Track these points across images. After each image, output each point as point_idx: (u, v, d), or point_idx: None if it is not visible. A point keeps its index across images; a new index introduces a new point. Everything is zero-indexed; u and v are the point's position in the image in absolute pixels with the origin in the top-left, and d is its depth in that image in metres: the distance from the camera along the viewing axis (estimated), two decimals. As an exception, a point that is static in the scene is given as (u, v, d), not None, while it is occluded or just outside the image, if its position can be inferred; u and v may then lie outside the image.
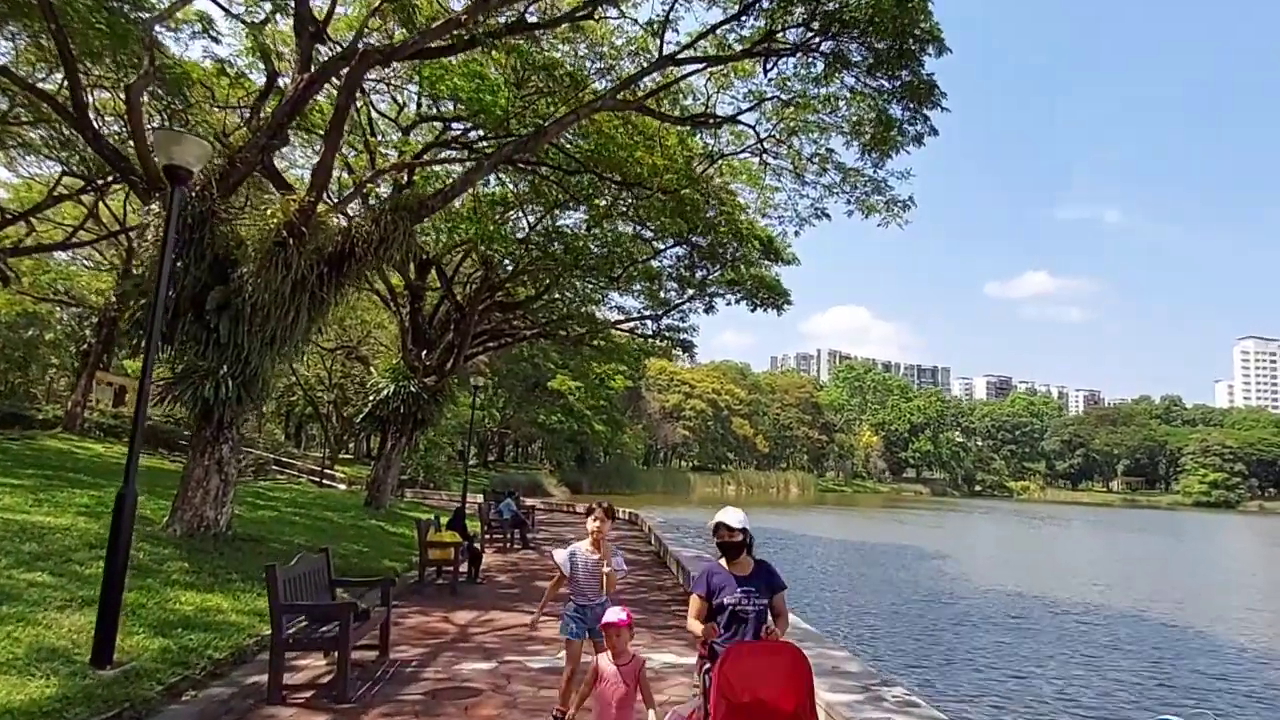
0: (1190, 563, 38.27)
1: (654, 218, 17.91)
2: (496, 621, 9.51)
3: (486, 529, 17.92)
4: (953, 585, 23.56)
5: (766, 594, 4.15)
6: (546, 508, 34.62)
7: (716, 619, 4.09)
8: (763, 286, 25.69)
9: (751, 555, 4.27)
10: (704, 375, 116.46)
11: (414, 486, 38.86)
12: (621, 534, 23.60)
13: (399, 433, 20.59)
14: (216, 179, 11.05)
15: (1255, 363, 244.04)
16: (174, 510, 11.31)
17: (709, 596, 4.13)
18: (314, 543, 13.72)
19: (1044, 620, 18.01)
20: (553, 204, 18.11)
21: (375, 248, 11.29)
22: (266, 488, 23.58)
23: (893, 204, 14.76)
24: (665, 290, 28.02)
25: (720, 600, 4.09)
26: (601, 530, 5.53)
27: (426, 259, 21.02)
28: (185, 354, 11.37)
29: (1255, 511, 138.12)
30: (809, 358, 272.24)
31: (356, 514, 19.32)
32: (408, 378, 20.38)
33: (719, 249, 23.39)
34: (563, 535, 22.43)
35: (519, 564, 15.56)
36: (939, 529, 51.64)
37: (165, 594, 8.44)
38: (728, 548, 4.22)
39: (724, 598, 4.08)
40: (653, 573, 14.83)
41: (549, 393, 63.62)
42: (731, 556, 4.23)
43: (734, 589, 4.09)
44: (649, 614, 10.37)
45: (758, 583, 4.16)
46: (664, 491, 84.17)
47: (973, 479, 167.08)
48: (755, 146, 15.81)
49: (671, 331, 29.49)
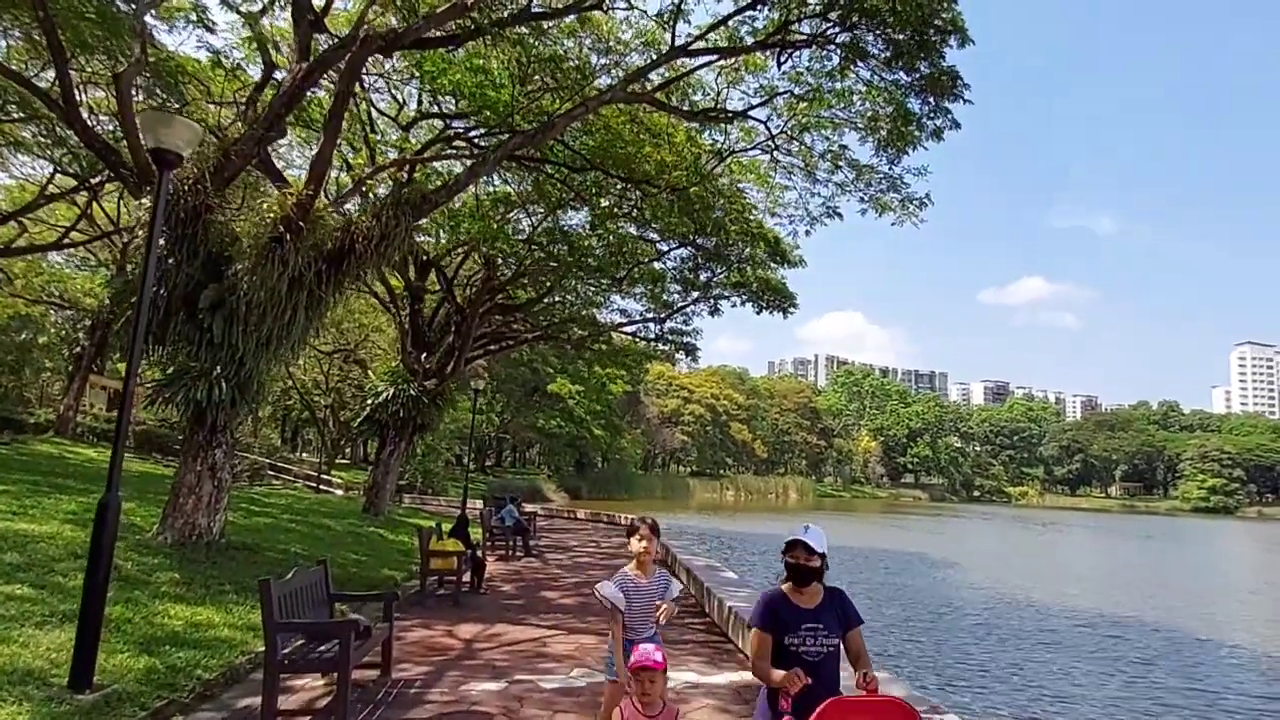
0: (1204, 569, 37.85)
1: (660, 218, 17.48)
2: (503, 636, 9.03)
3: (488, 536, 17.44)
4: (970, 595, 23.10)
5: (839, 630, 3.36)
6: (546, 514, 34.14)
7: (778, 661, 3.31)
8: (768, 289, 25.29)
9: (823, 583, 3.46)
10: (702, 380, 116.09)
11: (412, 492, 38.36)
12: (624, 541, 23.13)
13: (398, 437, 20.10)
14: (210, 172, 10.60)
15: (1252, 368, 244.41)
16: (164, 518, 10.83)
17: (774, 632, 3.35)
18: (311, 551, 13.24)
19: (1070, 633, 17.51)
20: (556, 203, 17.67)
21: (376, 244, 10.84)
22: (262, 493, 23.07)
23: (908, 202, 14.35)
24: (668, 293, 27.64)
25: (782, 639, 3.31)
26: (649, 551, 4.75)
27: (427, 260, 20.58)
28: (177, 355, 10.90)
29: (1254, 517, 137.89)
30: (806, 363, 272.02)
31: (354, 521, 18.83)
32: (407, 381, 19.91)
33: (725, 250, 23.00)
34: (565, 543, 21.96)
35: (522, 573, 15.09)
36: (942, 535, 51.22)
37: (153, 608, 7.96)
38: (800, 573, 3.38)
39: (787, 636, 3.30)
40: (661, 582, 14.38)
41: (548, 397, 63.19)
42: (801, 583, 3.39)
43: (799, 625, 3.32)
44: (665, 629, 9.91)
45: (827, 617, 3.36)
46: (663, 497, 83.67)
47: (971, 484, 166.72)
48: (766, 143, 15.41)
49: (675, 335, 29.09)
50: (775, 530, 44.90)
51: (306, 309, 10.96)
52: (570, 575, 14.96)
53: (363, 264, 11.01)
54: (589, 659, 8.07)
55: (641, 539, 4.74)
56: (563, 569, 15.89)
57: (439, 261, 20.72)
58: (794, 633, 3.29)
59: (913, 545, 39.56)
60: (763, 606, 3.42)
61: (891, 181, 14.18)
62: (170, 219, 10.54)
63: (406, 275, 19.88)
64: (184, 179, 10.65)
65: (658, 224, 18.86)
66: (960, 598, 21.98)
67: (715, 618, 9.79)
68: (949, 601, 21.11)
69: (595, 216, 18.99)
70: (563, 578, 14.59)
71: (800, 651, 3.27)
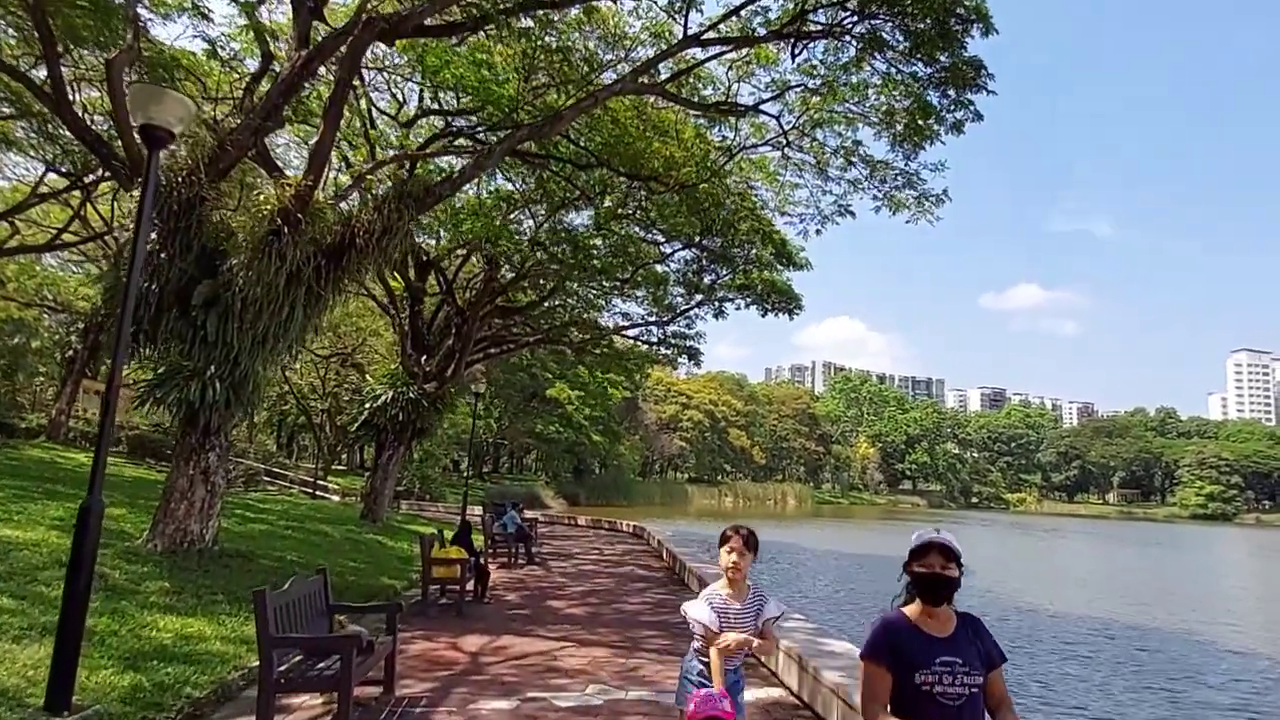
0: (1218, 576, 37.44)
1: (667, 217, 17.10)
2: (511, 649, 8.58)
3: (490, 543, 16.97)
4: (989, 606, 22.63)
5: (981, 669, 2.58)
6: (547, 520, 33.65)
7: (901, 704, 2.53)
8: (773, 291, 24.92)
9: (952, 603, 2.69)
10: (701, 386, 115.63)
11: (410, 498, 37.85)
12: (628, 548, 22.68)
13: (397, 441, 19.64)
14: (205, 162, 10.17)
15: (1248, 375, 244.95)
16: (155, 524, 10.36)
17: (896, 668, 2.55)
18: (307, 559, 12.78)
19: (1101, 645, 17.02)
20: (560, 203, 17.27)
21: (377, 238, 10.41)
22: (257, 499, 22.59)
23: (925, 199, 13.96)
24: (670, 296, 27.26)
25: (909, 676, 2.52)
26: (740, 567, 3.84)
27: (427, 260, 20.17)
28: (169, 353, 10.45)
29: (1253, 524, 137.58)
30: (803, 369, 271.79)
31: (352, 527, 18.36)
32: (407, 384, 19.45)
33: (731, 250, 22.61)
34: (567, 550, 21.49)
35: (526, 581, 14.62)
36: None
37: (140, 619, 7.50)
38: (936, 586, 2.61)
39: (917, 672, 2.52)
40: (670, 591, 13.90)
41: (547, 402, 62.69)
42: (935, 601, 2.62)
43: (933, 659, 2.54)
44: (676, 638, 9.45)
45: (966, 649, 2.59)
46: (662, 503, 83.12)
47: (969, 491, 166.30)
48: (777, 139, 15.02)
49: (678, 338, 28.68)
50: (781, 538, 44.41)
51: (305, 306, 10.53)
52: (576, 584, 14.50)
53: (363, 259, 10.57)
54: (603, 673, 7.63)
55: (731, 551, 3.84)
56: (567, 577, 15.44)
57: (439, 263, 20.29)
58: (926, 669, 2.52)
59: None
60: (881, 634, 2.61)
61: (908, 178, 13.80)
62: (162, 211, 10.11)
63: (406, 275, 19.45)
64: (177, 170, 10.24)
65: (663, 224, 18.47)
66: (980, 607, 21.55)
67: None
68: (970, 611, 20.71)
69: (599, 216, 18.59)
70: (568, 586, 14.14)
71: (937, 693, 2.51)
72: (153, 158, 5.60)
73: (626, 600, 12.57)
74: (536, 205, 18.41)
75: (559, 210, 17.72)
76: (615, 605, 12.01)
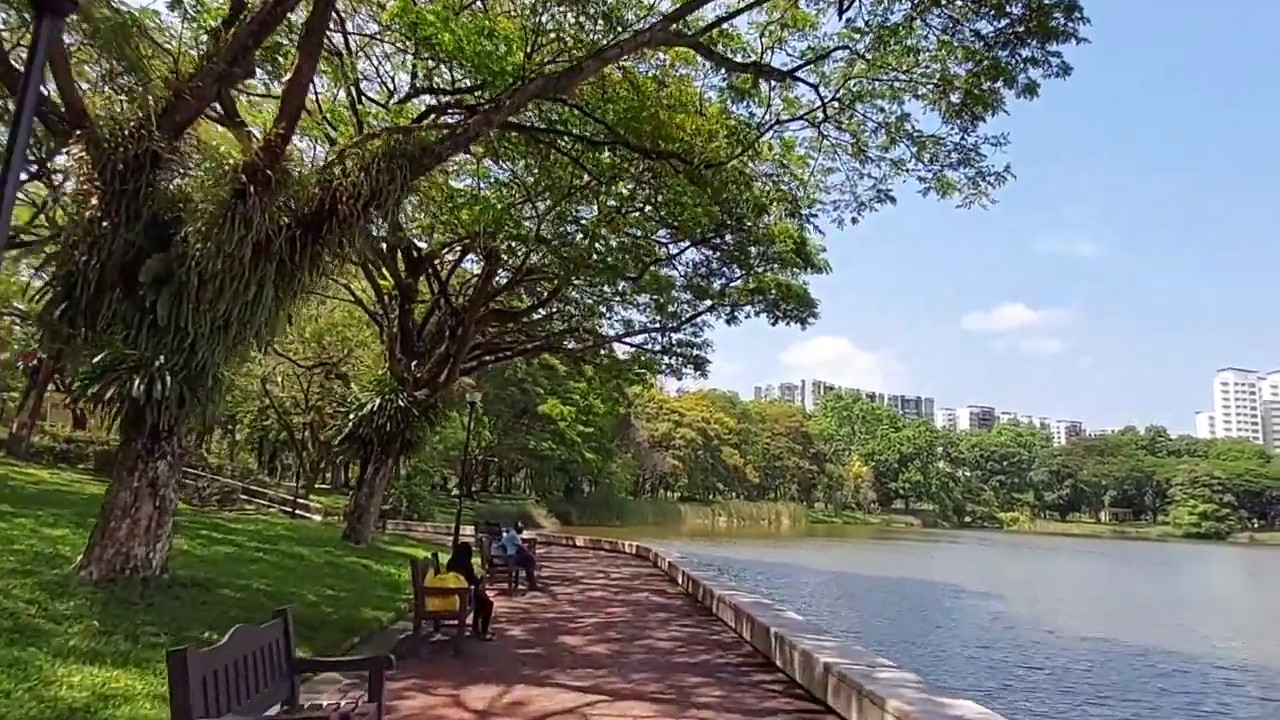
0: (1243, 601, 35.86)
1: (685, 206, 15.48)
2: (528, 705, 6.81)
3: (488, 568, 15.19)
4: (1020, 631, 21.07)
5: None
6: (545, 540, 31.75)
7: None
8: (788, 296, 23.37)
9: None
10: (693, 403, 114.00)
11: (396, 517, 35.85)
12: (635, 570, 20.89)
13: (384, 455, 17.84)
14: (157, 114, 8.50)
15: (1235, 394, 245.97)
16: (90, 547, 8.57)
17: None
18: (277, 587, 10.98)
19: (1146, 677, 15.46)
20: (567, 190, 15.63)
21: (364, 205, 8.74)
22: (230, 519, 20.68)
23: (982, 177, 12.40)
24: (676, 303, 25.69)
25: None
26: None
27: (419, 257, 18.48)
28: (112, 342, 8.70)
29: (1246, 543, 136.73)
30: (793, 388, 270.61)
31: (333, 549, 16.52)
32: (395, 391, 17.70)
33: (747, 248, 21.05)
34: (570, 573, 19.69)
35: (531, 611, 12.83)
36: (952, 561, 49.16)
37: (48, 672, 5.75)
38: None
39: None
40: (697, 622, 12.15)
41: (538, 418, 60.84)
42: None
43: None
44: (727, 685, 7.72)
45: None
46: (654, 523, 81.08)
47: (963, 510, 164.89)
48: (812, 114, 13.48)
49: (684, 347, 27.06)
50: (784, 559, 42.67)
51: (275, 285, 8.82)
52: (588, 614, 12.72)
53: (347, 231, 8.88)
54: (653, 742, 5.90)
55: None
56: (577, 606, 13.65)
57: (433, 259, 18.61)
58: None
59: (935, 574, 37.39)
60: None
61: (963, 154, 12.25)
62: (105, 172, 8.43)
63: (396, 272, 17.72)
64: (123, 122, 8.55)
65: (678, 216, 16.86)
66: (1021, 637, 19.88)
67: (797, 674, 7.62)
68: (1005, 638, 19.02)
69: (602, 207, 16.97)
70: (580, 617, 12.36)
71: None
72: (43, 24, 3.93)
73: (652, 635, 10.82)
74: (540, 197, 16.74)
75: (565, 199, 16.05)
76: (641, 641, 10.26)
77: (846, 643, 8.10)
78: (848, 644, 8.05)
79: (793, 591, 25.98)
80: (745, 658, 9.24)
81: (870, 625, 20.18)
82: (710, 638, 10.68)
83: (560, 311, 27.49)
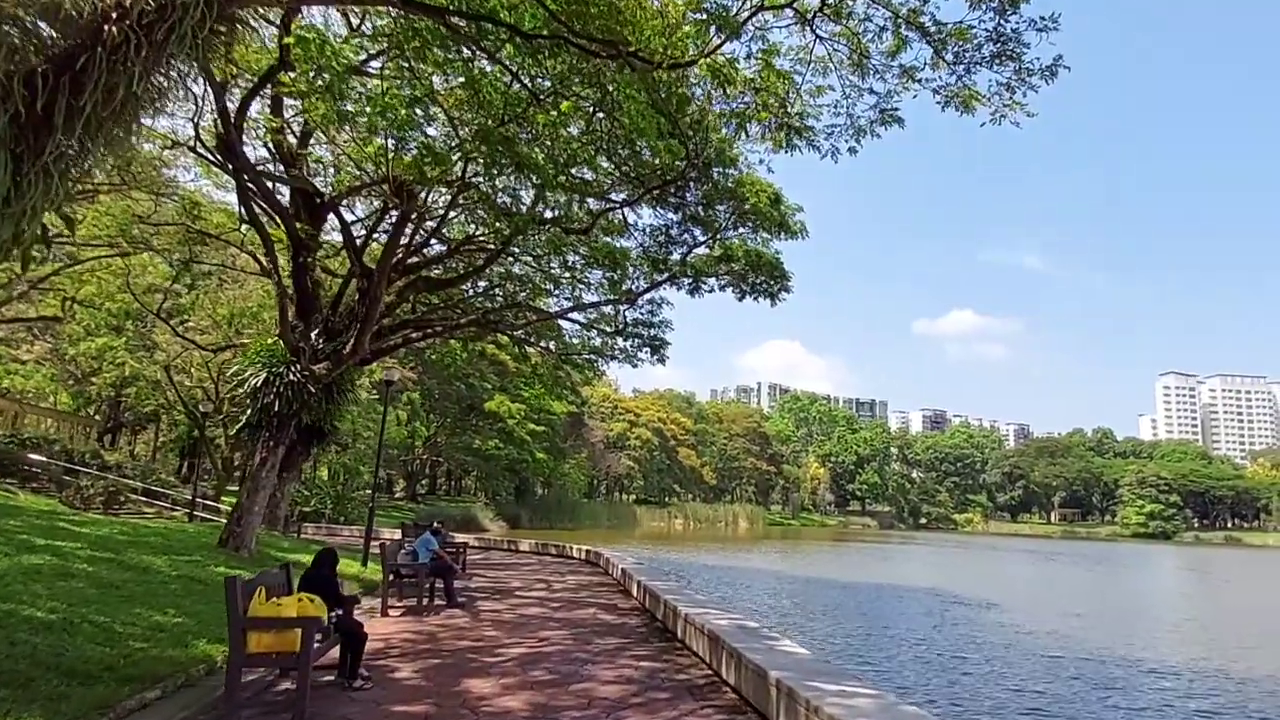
0: (1234, 603, 34.26)
1: (641, 131, 12.55)
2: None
3: (392, 580, 12.06)
4: (1019, 639, 18.63)
5: None
6: (481, 545, 28.55)
7: None
8: (758, 265, 20.67)
9: None
10: (649, 403, 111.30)
11: (319, 520, 32.25)
12: (583, 579, 17.92)
13: (274, 442, 14.53)
14: None
15: (1176, 397, 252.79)
16: None
17: None
18: (78, 613, 7.78)
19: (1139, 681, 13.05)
20: (500, 110, 12.57)
21: (150, 26, 5.64)
22: (76, 521, 17.07)
23: (1021, 79, 9.73)
24: (631, 279, 22.82)
25: None
26: None
27: (320, 202, 15.27)
28: None
29: (1191, 542, 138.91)
30: (749, 390, 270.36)
31: (202, 559, 13.21)
32: (287, 362, 14.45)
33: (713, 204, 18.32)
34: (505, 582, 16.64)
35: (439, 637, 9.77)
36: (925, 564, 47.09)
37: None
38: None
39: None
40: (656, 651, 9.23)
41: (485, 415, 57.34)
42: None
43: None
44: None
45: None
46: (609, 526, 78.02)
47: (918, 511, 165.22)
48: (800, 14, 10.70)
49: (640, 326, 24.15)
50: (755, 565, 40.00)
51: (17, 157, 5.66)
52: (514, 641, 9.71)
53: (120, 77, 5.74)
54: None
55: None
56: (503, 628, 10.62)
57: (337, 204, 15.40)
58: None
59: (915, 579, 35.00)
60: None
61: (1000, 45, 9.56)
62: None
63: (287, 217, 14.39)
64: None
65: (635, 151, 13.96)
66: (1021, 645, 17.38)
67: None
68: (1005, 650, 16.47)
69: (547, 129, 13.91)
70: (502, 646, 9.35)
71: None
72: None
73: (596, 673, 7.87)
74: (466, 124, 13.60)
75: (499, 125, 12.96)
76: (579, 685, 7.31)
77: (888, 699, 5.25)
78: (891, 701, 5.20)
79: (766, 602, 23.24)
80: (729, 713, 6.36)
81: (875, 647, 17.23)
82: (676, 677, 7.76)
83: (501, 288, 24.43)
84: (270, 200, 13.19)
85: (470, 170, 14.69)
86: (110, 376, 34.91)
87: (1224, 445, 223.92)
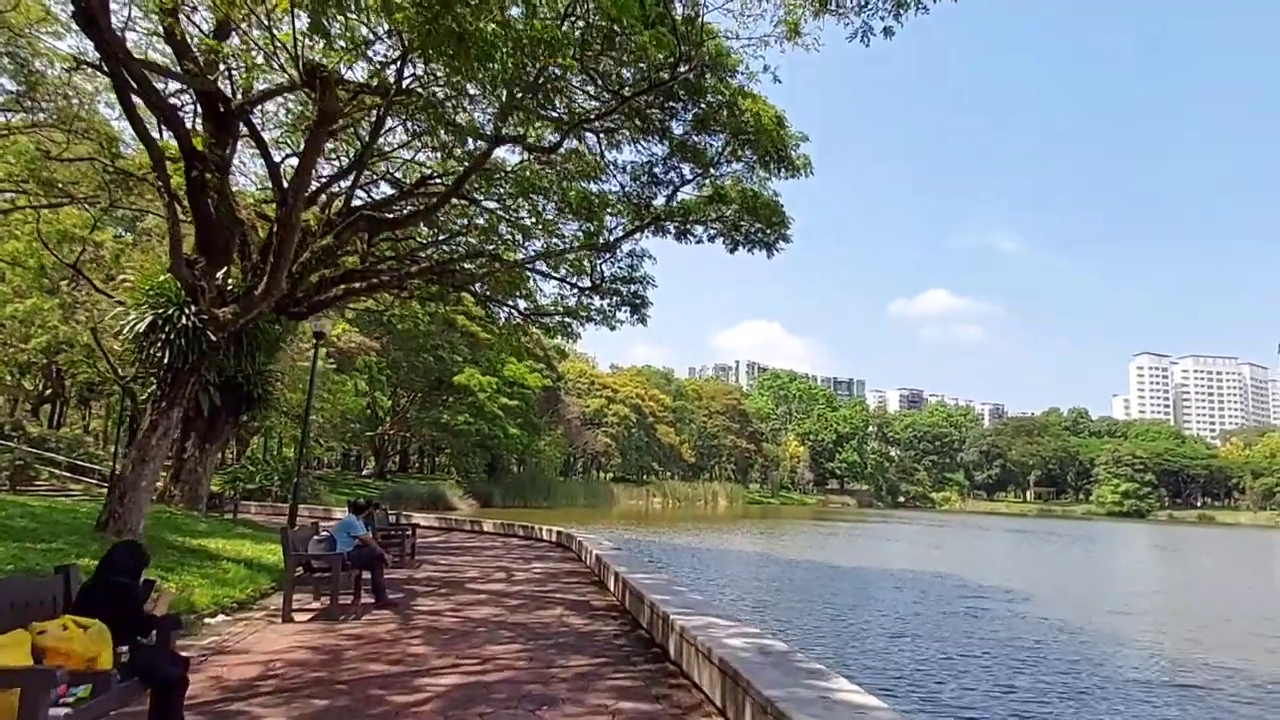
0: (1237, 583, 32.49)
1: (620, 13, 9.87)
2: None
3: (301, 572, 9.40)
4: (1031, 629, 16.35)
5: None
6: (442, 525, 25.92)
7: None
8: (755, 209, 18.06)
9: None
10: (627, 380, 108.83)
11: (265, 499, 29.43)
12: (551, 567, 15.37)
13: (164, 401, 11.75)
14: None
15: (1149, 377, 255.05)
16: None
17: None
18: None
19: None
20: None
21: None
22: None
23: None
24: (608, 232, 20.21)
25: None
26: None
27: (225, 111, 12.38)
28: None
29: (1165, 521, 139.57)
30: (727, 369, 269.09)
31: (67, 546, 10.47)
32: (181, 304, 11.65)
33: (706, 124, 15.69)
34: (458, 571, 14.06)
35: (344, 655, 7.15)
36: (917, 545, 45.12)
37: None
38: None
39: None
40: (643, 678, 6.69)
41: (455, 389, 54.47)
42: None
43: None
44: None
45: None
46: (586, 505, 75.62)
47: (897, 490, 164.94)
48: None
49: (619, 282, 21.51)
50: (739, 547, 37.78)
51: None
52: (447, 659, 7.11)
53: None
54: None
55: None
56: (436, 642, 7.99)
57: (248, 111, 12.51)
58: None
59: (907, 561, 32.87)
60: None
61: None
62: None
63: (182, 128, 11.49)
64: None
65: (612, 35, 11.24)
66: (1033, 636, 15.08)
67: None
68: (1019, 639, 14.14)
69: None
70: (429, 667, 6.75)
71: None
72: None
73: (557, 718, 5.31)
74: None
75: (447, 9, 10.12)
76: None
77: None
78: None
79: (765, 599, 20.85)
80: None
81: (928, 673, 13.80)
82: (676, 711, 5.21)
83: (463, 239, 21.65)
84: (151, 94, 10.31)
85: (408, 73, 11.93)
86: (40, 342, 31.68)
87: (1195, 425, 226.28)
